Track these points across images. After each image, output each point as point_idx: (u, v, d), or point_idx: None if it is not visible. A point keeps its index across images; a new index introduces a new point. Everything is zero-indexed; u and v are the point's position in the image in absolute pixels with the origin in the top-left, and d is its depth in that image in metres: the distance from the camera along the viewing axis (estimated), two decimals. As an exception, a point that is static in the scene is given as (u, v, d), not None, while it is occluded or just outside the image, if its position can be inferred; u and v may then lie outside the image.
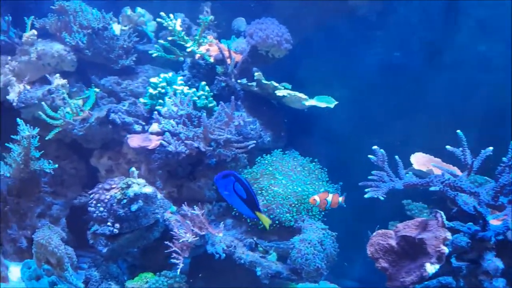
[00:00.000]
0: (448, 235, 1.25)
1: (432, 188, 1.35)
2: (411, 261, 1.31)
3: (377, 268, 1.36)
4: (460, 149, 1.43)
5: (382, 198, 1.40)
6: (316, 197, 1.63)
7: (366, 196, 1.42)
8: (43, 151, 1.89)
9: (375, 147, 1.49)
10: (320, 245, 1.58)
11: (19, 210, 2.02)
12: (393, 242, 1.36)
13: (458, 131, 1.43)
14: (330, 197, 1.62)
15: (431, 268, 1.22)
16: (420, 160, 1.90)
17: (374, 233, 1.40)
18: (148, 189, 1.73)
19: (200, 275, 1.86)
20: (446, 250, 1.23)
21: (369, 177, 1.50)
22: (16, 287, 1.85)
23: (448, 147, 1.47)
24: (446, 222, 1.29)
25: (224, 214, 1.95)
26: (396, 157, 1.51)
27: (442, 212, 1.31)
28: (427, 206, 1.83)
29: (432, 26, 2.14)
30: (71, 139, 2.01)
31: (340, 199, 1.65)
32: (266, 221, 1.41)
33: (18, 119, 1.87)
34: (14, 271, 1.94)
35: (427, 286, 1.25)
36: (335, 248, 1.66)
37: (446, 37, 2.13)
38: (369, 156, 1.49)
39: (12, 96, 1.99)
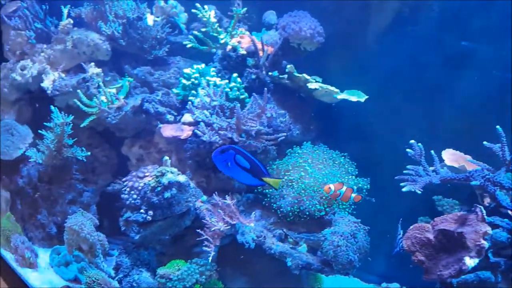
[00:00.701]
0: (489, 229, 1.26)
1: (473, 183, 1.35)
2: (449, 254, 1.31)
3: (413, 261, 1.37)
4: (499, 145, 1.43)
5: (419, 192, 1.41)
6: (332, 186, 1.61)
7: (403, 189, 1.42)
8: (76, 139, 1.93)
9: (412, 141, 1.50)
10: (353, 238, 1.59)
11: (50, 197, 2.06)
12: (430, 236, 1.37)
13: (498, 127, 1.42)
14: (344, 189, 1.60)
15: (470, 261, 1.23)
16: (451, 156, 1.89)
17: (411, 227, 1.41)
18: (182, 178, 1.76)
19: (228, 263, 1.88)
20: (486, 244, 1.23)
21: (405, 171, 1.51)
22: (44, 273, 1.89)
23: (485, 143, 1.46)
24: (486, 217, 1.29)
25: (253, 205, 1.96)
26: (432, 152, 1.52)
27: (481, 207, 1.31)
28: (458, 202, 1.82)
29: (466, 24, 2.12)
30: (103, 127, 2.05)
31: (353, 195, 1.62)
32: (275, 182, 1.41)
33: (52, 107, 1.91)
34: (43, 257, 1.98)
35: (465, 280, 1.26)
36: (367, 242, 1.66)
37: (478, 36, 2.11)
38: (407, 149, 1.49)
39: (47, 83, 2.03)
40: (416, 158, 1.48)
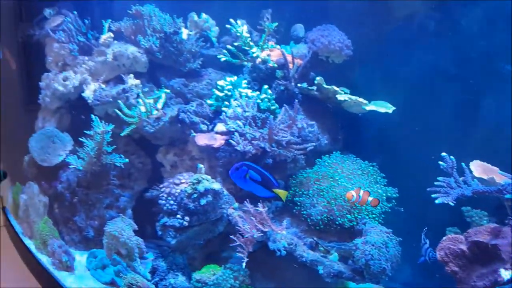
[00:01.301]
0: (524, 242, 1.28)
1: (507, 196, 1.38)
2: (483, 266, 1.35)
3: (446, 271, 1.41)
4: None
5: (452, 204, 1.45)
6: (353, 192, 1.66)
7: (436, 201, 1.46)
8: (114, 146, 2.03)
9: (444, 153, 1.54)
10: (385, 247, 1.63)
11: (88, 201, 2.16)
12: (463, 247, 1.40)
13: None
14: (361, 193, 1.65)
15: (506, 273, 1.26)
16: (480, 168, 1.91)
17: (444, 238, 1.45)
18: (217, 185, 1.83)
19: (258, 269, 1.94)
20: (522, 257, 1.26)
21: (436, 183, 1.55)
22: (81, 277, 1.96)
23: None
24: (520, 230, 1.32)
25: (282, 212, 2.02)
26: (463, 164, 1.55)
27: (516, 220, 1.34)
28: (487, 213, 1.85)
29: (492, 36, 2.14)
30: (139, 135, 2.15)
31: (370, 199, 1.66)
32: (283, 194, 1.60)
33: (92, 116, 2.02)
34: (80, 260, 2.07)
35: (499, 291, 1.29)
36: (399, 251, 1.70)
37: (504, 48, 2.13)
38: (439, 162, 1.53)
39: (88, 93, 2.14)
40: (448, 171, 1.52)
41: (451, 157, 1.52)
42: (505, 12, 2.04)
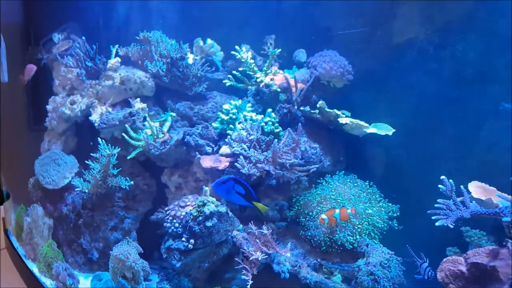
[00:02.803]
0: (522, 264, 1.32)
1: (504, 219, 1.43)
2: (482, 287, 1.38)
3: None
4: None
5: (451, 226, 1.49)
6: (324, 216, 1.76)
7: (436, 224, 1.51)
8: (120, 169, 2.06)
9: (443, 177, 1.59)
10: (387, 268, 1.66)
11: (92, 223, 2.17)
12: (463, 268, 1.44)
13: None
14: (337, 212, 1.75)
15: (506, 295, 1.29)
16: (477, 189, 1.97)
17: (444, 260, 1.49)
18: (223, 208, 1.86)
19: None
20: (520, 278, 1.30)
21: (436, 205, 1.59)
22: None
23: (513, 179, 1.55)
24: (518, 252, 1.36)
25: (285, 234, 2.05)
26: (462, 187, 1.60)
27: (514, 242, 1.38)
28: (485, 233, 1.89)
29: (488, 60, 2.24)
30: (145, 157, 2.19)
31: (349, 210, 1.77)
32: (261, 207, 1.79)
33: (99, 139, 2.06)
34: (83, 282, 2.07)
35: (501, 313, 1.32)
36: (401, 272, 1.73)
37: (500, 71, 2.22)
38: (439, 186, 1.58)
39: (94, 117, 2.19)
40: (447, 194, 1.57)
41: (450, 180, 1.57)
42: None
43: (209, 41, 2.38)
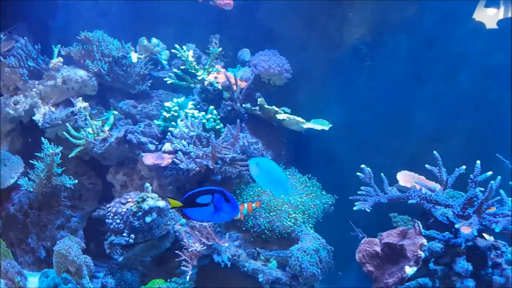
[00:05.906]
0: (424, 241, 1.45)
1: (410, 201, 1.55)
2: (393, 265, 1.50)
3: (364, 271, 1.55)
4: (437, 167, 1.65)
5: (368, 210, 1.61)
6: (240, 207, 1.84)
7: (355, 208, 1.62)
8: (64, 168, 2.09)
9: (362, 165, 1.71)
10: (316, 253, 1.77)
11: (39, 222, 2.18)
12: (378, 249, 1.56)
13: (435, 152, 1.65)
14: (245, 206, 1.85)
15: (409, 270, 1.42)
16: (405, 177, 2.11)
17: (362, 241, 1.60)
18: (161, 203, 1.92)
19: (207, 282, 2.03)
20: (422, 254, 1.43)
21: (359, 192, 1.71)
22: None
23: (427, 166, 1.69)
24: (423, 230, 1.49)
25: (229, 226, 2.13)
26: (382, 174, 1.73)
27: (419, 222, 1.52)
28: (411, 218, 2.03)
29: (417, 57, 2.40)
30: (89, 156, 2.21)
31: (254, 205, 1.88)
32: (174, 203, 1.66)
33: (42, 138, 2.07)
34: (32, 281, 2.08)
35: (407, 287, 1.44)
36: (329, 256, 1.84)
37: (429, 67, 2.39)
38: (358, 173, 1.70)
39: (38, 117, 2.20)
40: (366, 181, 1.69)
41: (368, 168, 1.69)
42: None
43: (154, 40, 2.43)
